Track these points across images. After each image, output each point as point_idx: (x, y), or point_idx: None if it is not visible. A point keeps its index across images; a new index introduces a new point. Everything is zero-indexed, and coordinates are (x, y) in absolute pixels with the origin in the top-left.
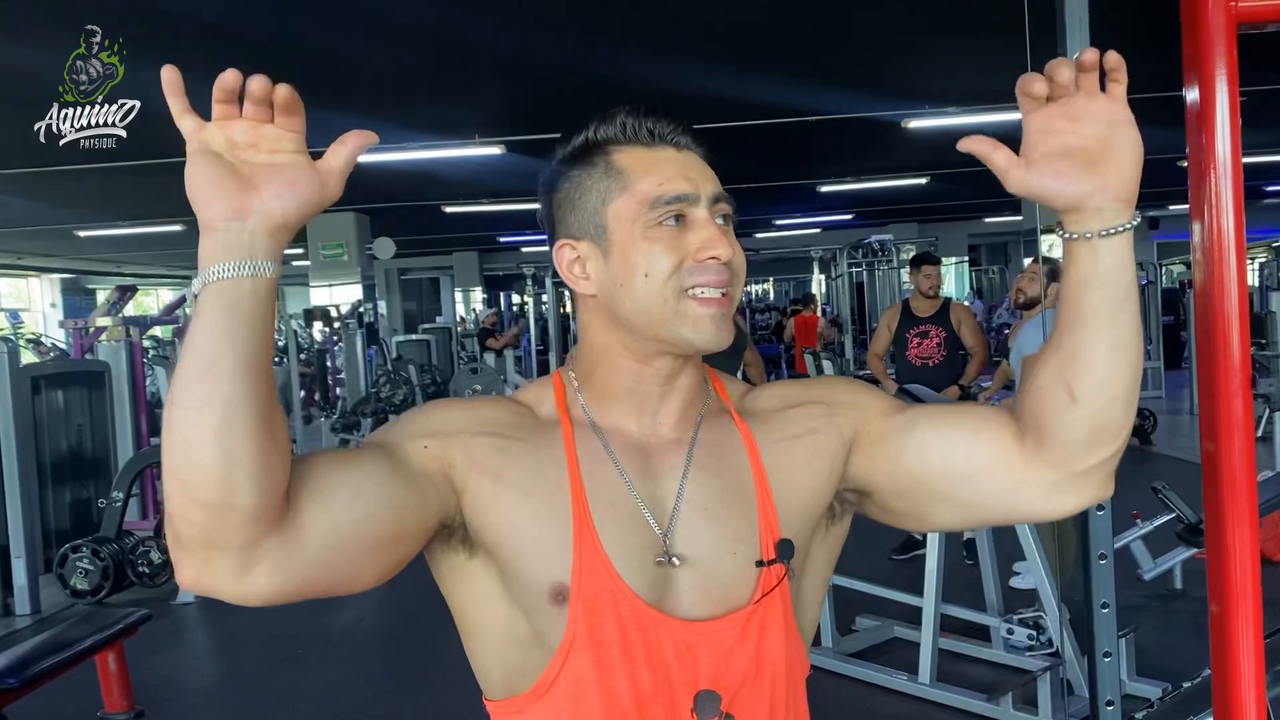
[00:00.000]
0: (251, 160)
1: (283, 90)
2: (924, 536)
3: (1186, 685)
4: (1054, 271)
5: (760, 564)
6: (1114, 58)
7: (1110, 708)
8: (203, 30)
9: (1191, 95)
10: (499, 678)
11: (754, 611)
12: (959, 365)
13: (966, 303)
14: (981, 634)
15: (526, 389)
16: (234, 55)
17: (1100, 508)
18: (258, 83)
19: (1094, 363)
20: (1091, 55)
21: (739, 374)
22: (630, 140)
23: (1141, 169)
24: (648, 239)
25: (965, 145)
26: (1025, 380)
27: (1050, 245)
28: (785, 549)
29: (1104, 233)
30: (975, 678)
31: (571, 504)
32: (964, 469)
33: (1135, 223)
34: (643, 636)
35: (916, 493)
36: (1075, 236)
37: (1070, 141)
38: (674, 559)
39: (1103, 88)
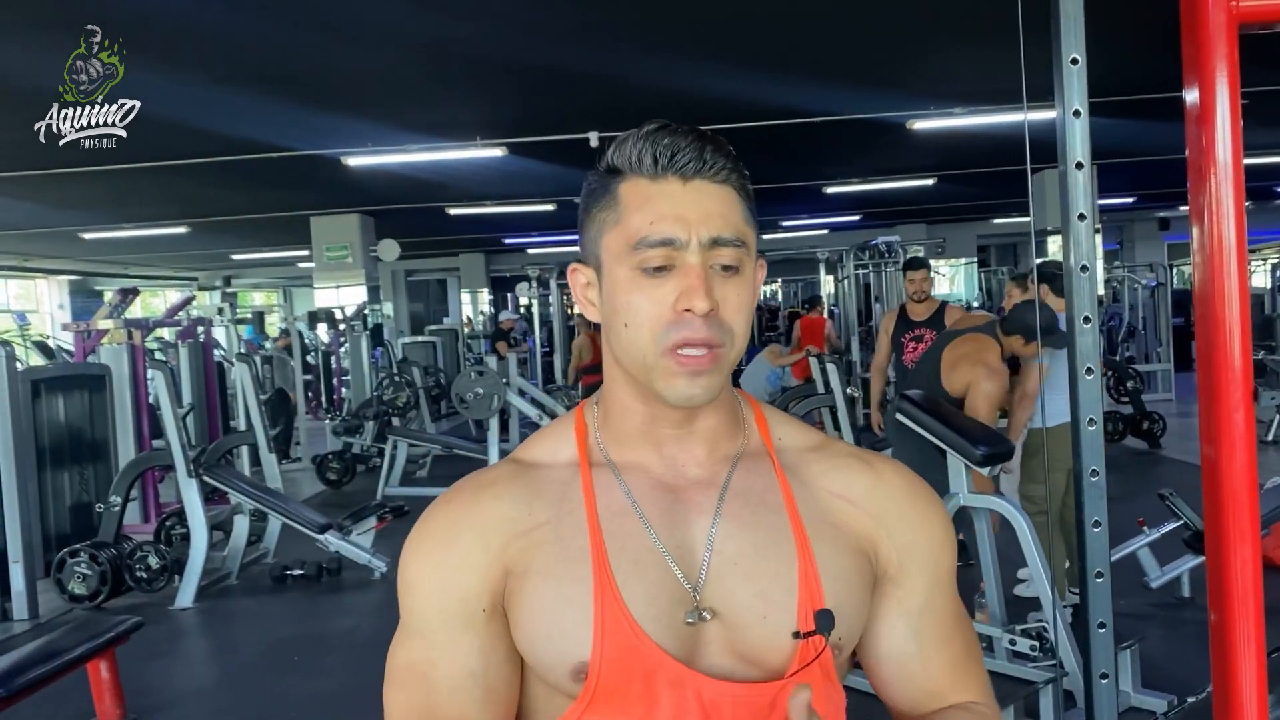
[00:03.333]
0: None
1: None
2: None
3: (1191, 700)
4: (1017, 277)
5: (798, 635)
6: None
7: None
8: (203, 35)
9: (1191, 96)
10: (525, 712)
11: (787, 685)
12: None
13: (976, 304)
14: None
15: (544, 435)
16: (235, 60)
17: (1096, 523)
18: None
19: None
20: None
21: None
22: (636, 168)
23: None
24: (630, 286)
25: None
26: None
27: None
28: (825, 620)
29: None
30: None
31: (593, 569)
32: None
33: None
34: (670, 691)
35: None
36: None
37: None
38: (704, 614)
39: None
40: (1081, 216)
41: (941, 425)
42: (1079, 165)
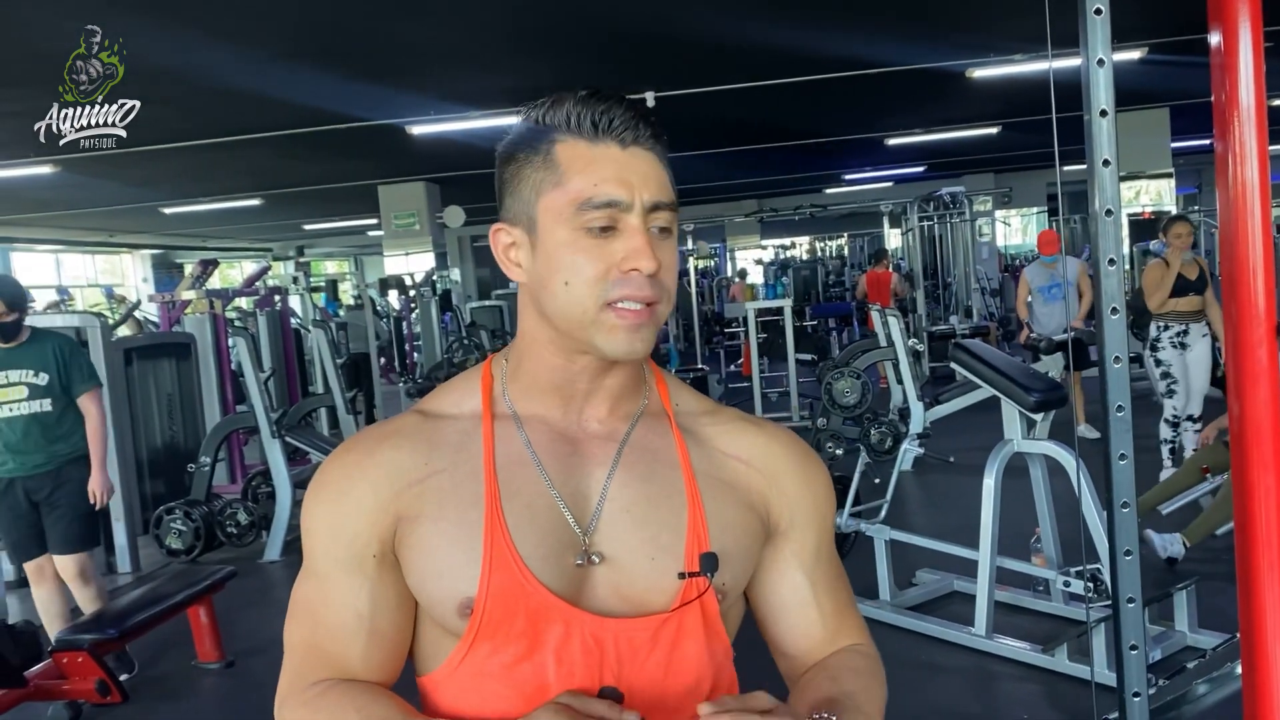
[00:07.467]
0: None
1: None
2: None
3: (1239, 636)
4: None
5: (682, 575)
6: None
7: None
8: (270, 10)
9: (1215, 39)
10: (419, 657)
11: (669, 619)
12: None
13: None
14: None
15: (450, 388)
16: (300, 34)
17: (1123, 456)
18: None
19: None
20: None
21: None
22: (574, 131)
23: None
24: (572, 246)
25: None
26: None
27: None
28: (709, 561)
29: None
30: (1030, 630)
31: (485, 513)
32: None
33: None
34: (553, 627)
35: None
36: None
37: None
38: (592, 557)
39: None
40: (1106, 162)
41: (996, 374)
42: (1103, 113)
